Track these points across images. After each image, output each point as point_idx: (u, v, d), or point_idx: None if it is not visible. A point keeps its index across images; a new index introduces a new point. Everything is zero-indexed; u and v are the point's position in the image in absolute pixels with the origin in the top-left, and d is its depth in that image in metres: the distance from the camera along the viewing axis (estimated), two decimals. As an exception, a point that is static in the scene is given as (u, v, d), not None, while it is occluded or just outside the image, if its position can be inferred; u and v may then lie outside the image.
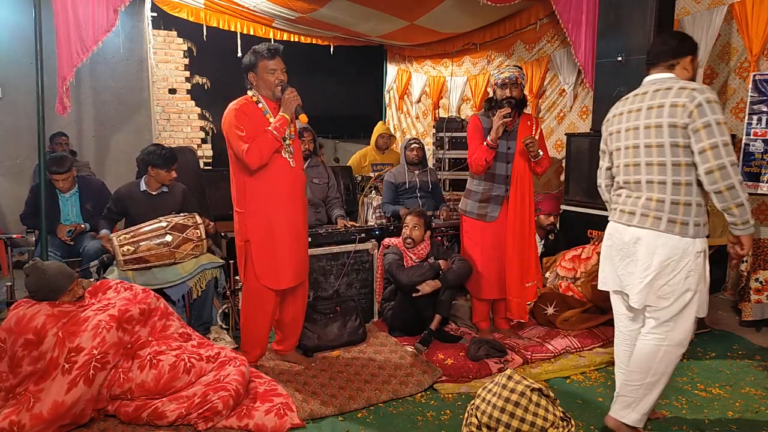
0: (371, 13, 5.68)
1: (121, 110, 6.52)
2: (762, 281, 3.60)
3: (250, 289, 2.97)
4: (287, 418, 2.53)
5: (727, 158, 2.10)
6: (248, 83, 2.90)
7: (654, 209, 2.27)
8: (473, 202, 3.45)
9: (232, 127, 2.77)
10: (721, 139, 2.11)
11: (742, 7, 4.12)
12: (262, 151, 2.75)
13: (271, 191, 2.86)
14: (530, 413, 2.09)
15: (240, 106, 2.82)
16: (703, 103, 2.14)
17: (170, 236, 3.33)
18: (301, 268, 3.05)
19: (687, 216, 2.23)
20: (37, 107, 3.65)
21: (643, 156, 2.31)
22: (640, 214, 2.31)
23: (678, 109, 2.19)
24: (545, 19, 5.58)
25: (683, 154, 2.20)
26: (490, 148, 3.23)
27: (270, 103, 2.88)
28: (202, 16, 6.07)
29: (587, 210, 4.62)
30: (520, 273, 3.40)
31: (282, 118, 2.84)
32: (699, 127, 2.14)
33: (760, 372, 3.12)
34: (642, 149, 2.31)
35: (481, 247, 3.46)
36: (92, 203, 4.14)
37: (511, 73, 3.30)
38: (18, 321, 2.53)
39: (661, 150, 2.25)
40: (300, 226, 3.02)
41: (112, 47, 6.14)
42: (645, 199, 2.30)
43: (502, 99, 3.29)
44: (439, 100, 7.40)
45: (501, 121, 3.19)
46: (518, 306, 3.44)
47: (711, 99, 2.14)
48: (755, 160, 3.95)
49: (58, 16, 3.86)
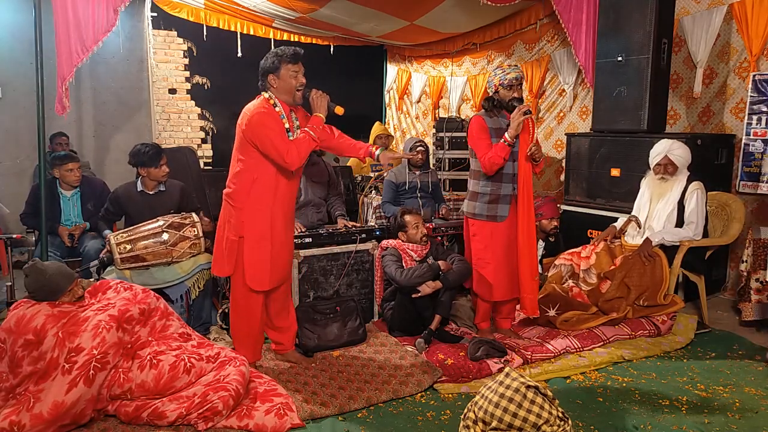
0: (371, 13, 5.68)
1: (121, 110, 6.53)
2: (762, 281, 3.60)
3: (239, 292, 2.99)
4: (287, 418, 2.53)
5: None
6: (265, 85, 2.89)
7: None
8: (482, 204, 3.41)
9: (265, 129, 2.77)
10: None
11: (741, 7, 4.11)
12: (301, 151, 2.80)
13: (276, 190, 2.90)
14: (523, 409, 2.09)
15: (266, 109, 2.83)
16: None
17: (167, 234, 3.33)
18: (289, 266, 3.16)
19: None
20: (37, 107, 3.65)
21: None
22: None
23: None
24: (545, 19, 5.58)
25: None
26: (508, 145, 3.23)
27: (285, 106, 2.90)
28: (202, 16, 6.07)
29: (587, 210, 4.62)
30: (530, 269, 3.39)
31: (317, 118, 2.90)
32: None
33: (760, 372, 3.12)
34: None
35: (492, 250, 3.42)
36: (93, 203, 4.15)
37: (517, 73, 3.30)
38: (18, 321, 2.53)
39: None
40: (291, 225, 3.13)
41: (112, 47, 6.14)
42: None
43: (509, 99, 3.29)
44: (439, 100, 7.40)
45: (522, 118, 3.18)
46: (531, 302, 3.43)
47: None
48: (755, 160, 3.95)
49: (58, 16, 3.85)
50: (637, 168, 4.09)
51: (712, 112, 4.45)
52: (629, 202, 4.08)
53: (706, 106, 4.49)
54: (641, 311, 3.62)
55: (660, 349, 3.38)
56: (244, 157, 2.87)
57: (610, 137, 4.48)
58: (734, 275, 4.35)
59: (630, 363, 3.23)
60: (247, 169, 2.87)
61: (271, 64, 2.85)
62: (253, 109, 2.83)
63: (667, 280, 3.60)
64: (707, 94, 4.46)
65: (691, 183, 3.73)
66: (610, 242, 3.94)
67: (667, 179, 3.79)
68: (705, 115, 4.50)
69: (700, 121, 4.54)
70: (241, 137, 2.86)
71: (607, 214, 4.39)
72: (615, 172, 4.41)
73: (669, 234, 3.71)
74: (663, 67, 4.24)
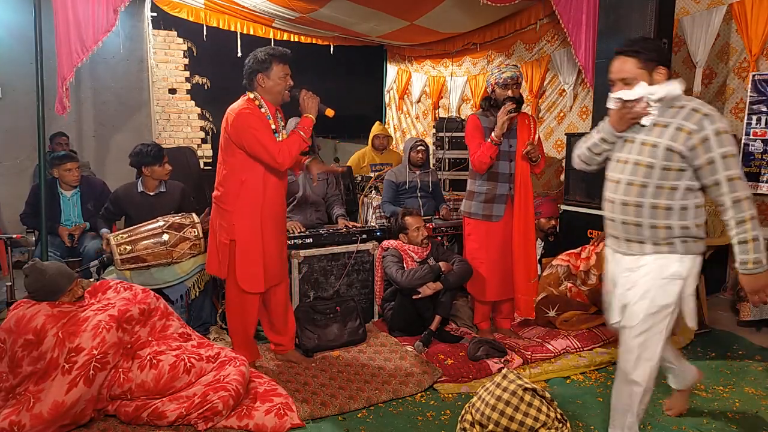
0: (371, 13, 5.68)
1: (121, 110, 6.52)
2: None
3: (234, 294, 2.98)
4: (287, 418, 2.53)
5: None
6: (253, 84, 2.86)
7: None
8: (477, 203, 3.42)
9: (251, 130, 2.75)
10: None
11: (741, 7, 4.11)
12: (291, 151, 2.79)
13: (265, 191, 2.87)
14: (521, 412, 2.09)
15: (251, 109, 2.79)
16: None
17: (167, 235, 3.33)
18: (284, 266, 3.13)
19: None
20: (37, 107, 3.65)
21: None
22: None
23: None
24: (545, 19, 5.57)
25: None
26: (494, 144, 3.24)
27: (271, 107, 2.87)
28: (202, 16, 6.07)
29: (587, 210, 4.62)
30: (526, 270, 3.39)
31: (307, 118, 2.88)
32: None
33: (760, 372, 3.12)
34: None
35: (486, 249, 3.44)
36: (93, 203, 4.15)
37: (513, 72, 3.30)
38: (18, 321, 2.53)
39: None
40: (283, 226, 3.11)
41: (112, 47, 6.14)
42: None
43: (504, 99, 3.29)
44: (439, 100, 7.40)
45: (507, 117, 3.18)
46: (526, 303, 3.43)
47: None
48: (755, 160, 3.96)
49: (58, 16, 3.85)
50: (637, 168, 4.08)
51: (712, 112, 4.44)
52: (629, 202, 4.07)
53: (705, 106, 4.48)
54: (641, 311, 3.61)
55: (660, 349, 3.38)
56: (230, 159, 2.84)
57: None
58: (734, 275, 4.35)
59: (630, 363, 3.23)
60: (234, 171, 2.85)
61: (262, 63, 2.81)
62: (237, 109, 2.79)
63: (667, 280, 3.59)
64: (707, 94, 4.46)
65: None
66: (610, 242, 3.94)
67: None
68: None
69: (700, 121, 4.53)
70: (226, 139, 2.82)
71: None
72: (615, 172, 4.40)
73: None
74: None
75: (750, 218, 1.95)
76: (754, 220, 1.96)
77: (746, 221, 1.95)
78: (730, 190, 1.96)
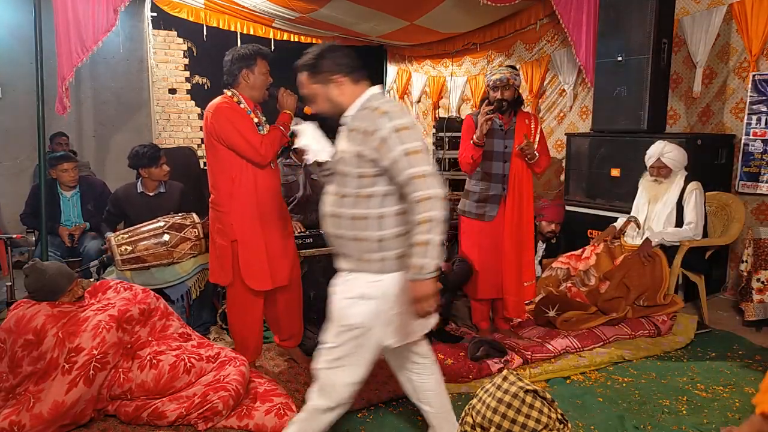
0: (371, 13, 5.68)
1: (121, 110, 6.52)
2: (763, 281, 3.59)
3: (237, 293, 2.95)
4: (287, 418, 2.53)
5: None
6: (237, 80, 2.83)
7: None
8: (471, 202, 3.44)
9: (230, 124, 2.74)
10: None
11: (741, 7, 4.11)
12: (273, 144, 2.80)
13: (256, 185, 2.85)
14: (522, 415, 2.09)
15: (230, 105, 2.79)
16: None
17: (168, 235, 3.33)
18: (293, 267, 3.05)
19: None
20: (37, 107, 3.65)
21: None
22: None
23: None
24: (545, 19, 5.58)
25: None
26: (476, 146, 3.23)
27: (250, 103, 2.86)
28: (202, 16, 6.07)
29: (587, 210, 4.62)
30: (518, 272, 3.39)
31: (286, 114, 2.90)
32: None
33: (761, 372, 3.12)
34: None
35: (478, 248, 3.45)
36: (93, 203, 4.15)
37: (502, 75, 3.26)
38: (18, 321, 2.53)
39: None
40: (287, 221, 3.05)
41: (112, 47, 6.13)
42: None
43: (494, 101, 3.29)
44: (439, 100, 7.40)
45: (483, 119, 3.16)
46: (515, 305, 3.44)
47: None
48: (755, 160, 3.96)
49: (58, 16, 3.85)
50: (637, 168, 4.09)
51: (712, 112, 4.45)
52: (629, 203, 4.08)
53: (705, 106, 4.49)
54: (641, 311, 3.62)
55: (660, 349, 3.38)
56: (217, 158, 2.83)
57: (610, 137, 4.48)
58: (734, 275, 4.35)
59: (630, 363, 3.23)
60: (222, 170, 2.83)
61: (247, 58, 2.80)
62: (215, 105, 2.79)
63: (667, 280, 3.60)
64: (707, 94, 4.46)
65: (689, 183, 3.73)
66: (610, 243, 3.95)
67: (662, 181, 3.79)
68: (705, 115, 4.50)
69: (700, 121, 4.54)
70: (209, 137, 2.80)
71: (606, 215, 4.39)
72: (615, 172, 4.41)
73: (669, 234, 3.71)
74: (663, 67, 4.24)
75: (426, 220, 1.81)
76: (432, 222, 1.81)
77: (422, 223, 1.82)
78: (413, 189, 1.83)
